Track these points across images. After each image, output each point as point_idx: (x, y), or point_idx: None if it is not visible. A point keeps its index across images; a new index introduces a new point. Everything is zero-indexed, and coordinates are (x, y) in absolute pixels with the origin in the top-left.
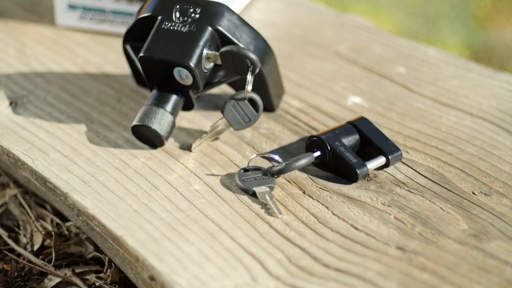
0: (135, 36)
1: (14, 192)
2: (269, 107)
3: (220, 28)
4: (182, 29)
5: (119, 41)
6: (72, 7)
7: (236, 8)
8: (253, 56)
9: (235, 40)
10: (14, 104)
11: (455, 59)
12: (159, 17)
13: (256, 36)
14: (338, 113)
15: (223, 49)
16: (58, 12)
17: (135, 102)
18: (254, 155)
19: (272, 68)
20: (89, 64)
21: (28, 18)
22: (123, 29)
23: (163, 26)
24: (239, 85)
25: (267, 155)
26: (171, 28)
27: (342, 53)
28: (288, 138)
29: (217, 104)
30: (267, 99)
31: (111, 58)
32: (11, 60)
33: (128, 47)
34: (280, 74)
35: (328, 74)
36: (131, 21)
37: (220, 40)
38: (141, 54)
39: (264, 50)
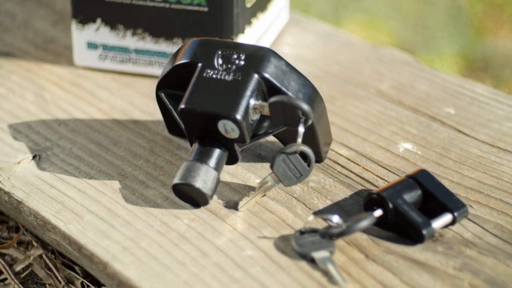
0: (170, 84)
1: (39, 253)
2: (317, 158)
3: (267, 76)
4: (226, 78)
5: (144, 83)
6: (91, 46)
7: (265, 44)
8: (306, 107)
9: (283, 89)
10: (38, 158)
11: (506, 97)
12: (200, 64)
13: (305, 82)
14: (391, 162)
15: (273, 99)
16: (76, 51)
17: (169, 153)
18: (311, 217)
19: (321, 116)
20: (115, 110)
21: (43, 58)
22: (147, 69)
23: (204, 75)
24: (284, 136)
25: (325, 217)
26: (214, 76)
27: (385, 92)
28: (341, 192)
29: (259, 154)
30: (316, 149)
31: (138, 103)
32: (29, 106)
33: (163, 95)
34: (328, 121)
35: (374, 117)
36: (166, 67)
37: (267, 88)
38: (182, 106)
39: (314, 97)
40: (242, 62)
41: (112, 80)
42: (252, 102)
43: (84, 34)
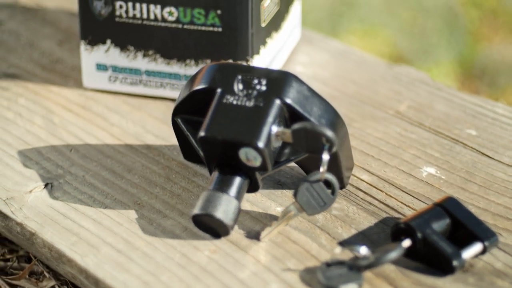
0: (187, 109)
1: (51, 284)
2: (339, 184)
3: (289, 101)
4: (246, 104)
5: (155, 105)
6: (101, 67)
7: (279, 65)
8: (330, 134)
9: (306, 115)
10: (50, 187)
11: None
12: (219, 90)
13: (327, 107)
14: (414, 188)
15: (296, 126)
16: (85, 73)
17: (186, 180)
18: (338, 249)
19: (344, 141)
20: (127, 134)
21: (51, 80)
22: (159, 92)
23: (224, 101)
24: (306, 162)
25: (352, 248)
26: (234, 102)
27: (404, 113)
28: (365, 220)
29: (279, 181)
30: (338, 175)
31: (150, 126)
32: (38, 131)
33: (179, 121)
34: (350, 146)
35: (394, 140)
36: (182, 92)
37: (289, 114)
38: (202, 134)
39: (336, 122)
40: (263, 88)
41: (122, 103)
42: (275, 129)
43: (93, 55)
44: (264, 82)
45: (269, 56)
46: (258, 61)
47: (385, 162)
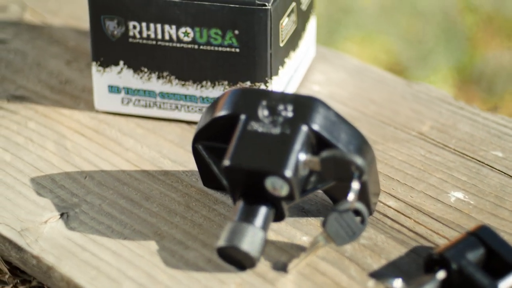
0: (208, 136)
1: None
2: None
3: (317, 128)
4: (272, 131)
5: (170, 128)
6: (113, 89)
7: (295, 85)
8: (360, 162)
9: (334, 141)
10: (66, 216)
11: None
12: (243, 116)
13: (354, 132)
14: (443, 214)
15: (325, 154)
16: (97, 95)
17: (207, 208)
18: (371, 283)
19: (371, 166)
20: (143, 160)
21: (61, 102)
22: (174, 114)
23: (249, 128)
24: (332, 190)
25: (386, 281)
26: (259, 130)
27: (427, 134)
28: (395, 250)
29: (303, 208)
30: (366, 202)
31: (166, 151)
32: (51, 157)
33: (201, 148)
34: (377, 171)
35: (419, 163)
36: (203, 119)
37: (316, 141)
38: (227, 164)
39: (364, 148)
40: (289, 114)
41: (136, 126)
42: (302, 157)
43: (105, 77)
44: (290, 108)
45: (286, 76)
46: (276, 82)
47: (411, 186)
